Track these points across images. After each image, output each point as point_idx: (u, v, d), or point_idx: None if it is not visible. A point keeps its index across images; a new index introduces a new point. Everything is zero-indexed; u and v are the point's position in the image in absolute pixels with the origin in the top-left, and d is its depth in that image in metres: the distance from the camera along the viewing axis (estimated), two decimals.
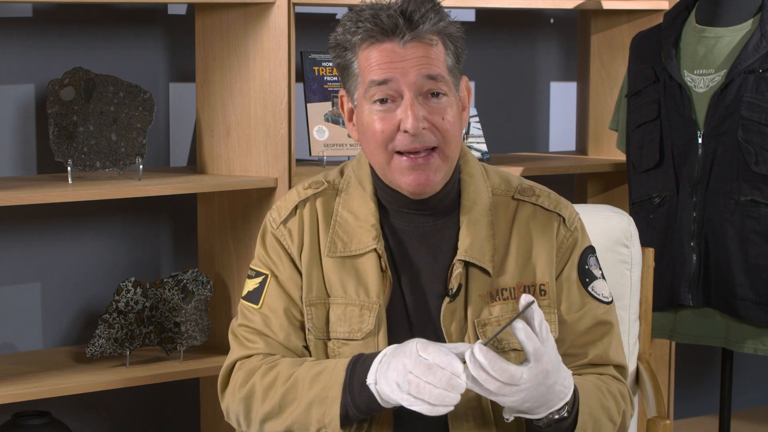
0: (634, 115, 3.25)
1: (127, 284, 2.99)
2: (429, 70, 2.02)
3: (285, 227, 2.15)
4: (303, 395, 2.00)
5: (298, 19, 3.25)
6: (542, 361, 1.88)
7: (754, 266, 3.03)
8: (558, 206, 2.17)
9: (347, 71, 2.08)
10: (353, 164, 2.20)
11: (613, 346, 2.16)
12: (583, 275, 2.15)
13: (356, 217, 2.13)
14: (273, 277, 2.14)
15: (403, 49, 2.02)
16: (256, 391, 2.06)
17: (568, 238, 2.16)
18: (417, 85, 2.02)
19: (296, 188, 2.20)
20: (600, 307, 2.16)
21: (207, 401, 3.26)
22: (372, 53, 2.03)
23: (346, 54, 2.07)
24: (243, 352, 2.13)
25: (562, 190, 2.43)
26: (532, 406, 1.91)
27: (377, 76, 2.02)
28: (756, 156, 3.00)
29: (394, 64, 2.02)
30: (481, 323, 2.08)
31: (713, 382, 4.22)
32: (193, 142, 3.38)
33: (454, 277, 2.08)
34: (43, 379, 2.88)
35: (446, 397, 1.84)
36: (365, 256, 2.10)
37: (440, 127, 2.03)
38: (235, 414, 2.11)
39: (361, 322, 2.08)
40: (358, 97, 2.07)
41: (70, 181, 2.93)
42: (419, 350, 1.87)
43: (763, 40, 3.03)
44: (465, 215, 2.11)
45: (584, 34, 3.85)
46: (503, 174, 2.21)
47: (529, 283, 2.11)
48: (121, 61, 3.24)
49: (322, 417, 1.98)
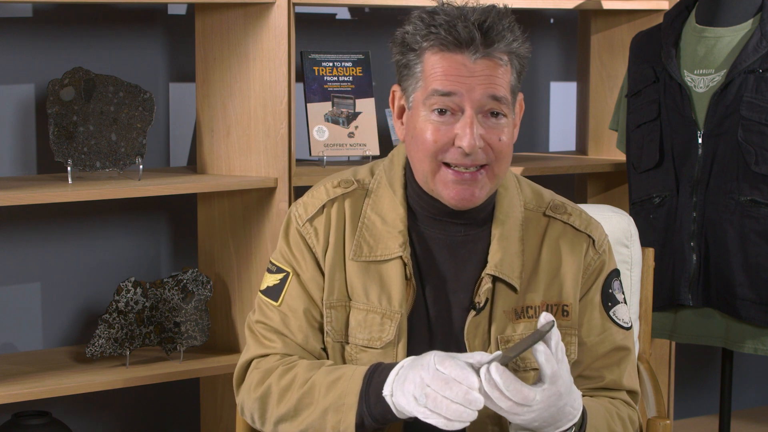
0: (634, 115, 3.25)
1: (127, 284, 2.99)
2: (495, 90, 1.98)
3: (311, 225, 2.12)
4: (319, 401, 1.99)
5: (298, 19, 3.25)
6: (557, 383, 1.87)
7: (754, 266, 3.03)
8: (589, 227, 2.15)
9: (407, 71, 2.04)
10: (385, 164, 2.16)
11: (628, 372, 2.15)
12: (606, 299, 2.14)
13: (384, 221, 2.09)
14: (295, 275, 2.11)
15: (473, 64, 1.98)
16: (272, 392, 2.04)
17: (596, 261, 2.14)
18: (480, 103, 1.98)
19: (324, 185, 2.15)
20: (619, 333, 2.14)
21: (207, 401, 3.26)
22: (440, 62, 1.99)
23: (409, 54, 2.02)
24: (260, 350, 2.11)
25: (562, 190, 2.43)
26: (541, 425, 1.90)
27: (442, 87, 1.98)
28: (756, 156, 3.00)
29: (462, 78, 1.98)
30: (504, 340, 2.06)
31: (713, 382, 4.22)
32: (193, 142, 3.38)
33: (483, 291, 2.05)
34: (43, 379, 2.88)
35: (463, 413, 1.82)
36: (390, 262, 2.07)
37: (495, 147, 2.00)
38: (249, 412, 2.09)
39: (381, 331, 2.06)
40: (414, 100, 2.03)
41: (70, 181, 2.93)
42: (436, 363, 1.85)
43: (763, 40, 3.03)
44: (497, 228, 2.09)
45: (584, 34, 3.85)
46: (535, 188, 2.19)
47: (554, 302, 2.09)
48: (121, 61, 3.23)
49: (338, 424, 1.96)
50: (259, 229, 3.08)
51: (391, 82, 2.16)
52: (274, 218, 3.04)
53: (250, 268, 3.11)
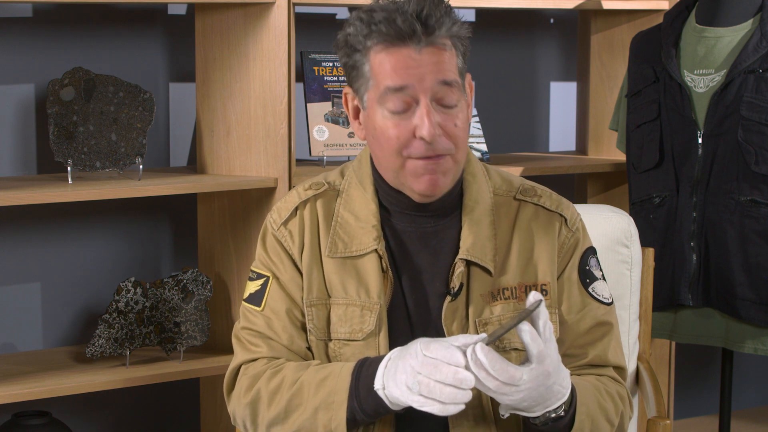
0: (634, 115, 3.25)
1: (127, 284, 2.99)
2: (444, 75, 2.01)
3: (285, 228, 2.15)
4: (309, 400, 2.00)
5: (298, 19, 3.25)
6: (544, 363, 1.88)
7: (754, 266, 3.03)
8: (560, 206, 2.17)
9: (356, 72, 2.06)
10: (354, 165, 2.19)
11: (613, 348, 2.16)
12: (583, 276, 2.15)
13: (357, 217, 2.12)
14: (274, 278, 2.14)
15: (419, 54, 2.00)
16: (262, 396, 2.06)
17: (569, 239, 2.16)
18: (433, 90, 2.00)
19: (296, 189, 2.19)
20: (600, 308, 2.16)
21: (207, 401, 3.26)
22: (387, 58, 2.01)
23: (355, 55, 2.04)
24: (247, 356, 2.12)
25: (562, 190, 2.43)
26: (530, 405, 1.92)
27: (393, 83, 2.00)
28: (756, 156, 3.00)
29: (411, 70, 2.00)
30: (482, 322, 2.08)
31: (713, 382, 4.23)
32: (193, 142, 3.38)
33: (456, 276, 2.08)
34: (43, 379, 2.88)
35: (457, 394, 1.84)
36: (366, 256, 2.10)
37: (452, 133, 2.02)
38: (241, 419, 2.11)
39: (362, 322, 2.08)
40: (368, 99, 2.05)
41: (70, 181, 2.93)
42: (423, 349, 1.87)
43: (763, 40, 3.03)
44: (467, 215, 2.11)
45: (584, 34, 3.85)
46: (504, 174, 2.21)
47: (531, 282, 2.11)
48: (121, 61, 3.24)
49: (329, 422, 1.97)
50: (259, 229, 3.07)
51: None
52: None
53: (250, 268, 3.11)
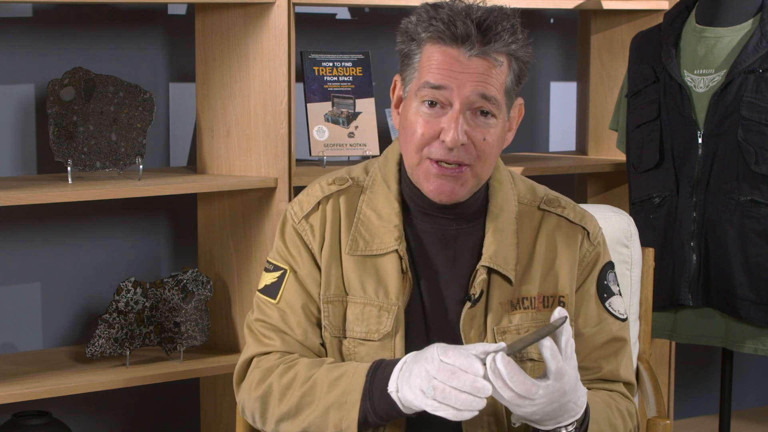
0: (634, 115, 3.25)
1: (127, 284, 2.99)
2: (485, 89, 1.99)
3: (307, 222, 2.13)
4: (321, 399, 1.99)
5: (298, 19, 3.25)
6: (562, 380, 1.88)
7: (754, 266, 3.03)
8: (583, 220, 2.17)
9: (408, 60, 2.06)
10: (380, 162, 2.18)
11: (625, 364, 2.16)
12: (601, 291, 2.15)
13: (379, 216, 2.11)
14: (292, 272, 2.12)
15: (467, 60, 1.99)
16: (273, 391, 2.05)
17: (590, 252, 2.15)
18: (469, 100, 1.99)
19: (320, 183, 2.17)
20: (615, 324, 2.16)
21: (207, 401, 3.26)
22: (435, 54, 2.00)
23: (411, 44, 2.04)
24: (260, 348, 2.11)
25: (562, 190, 2.43)
26: (542, 418, 1.91)
27: (433, 80, 2.00)
28: (756, 156, 3.00)
29: (454, 72, 1.99)
30: (500, 331, 2.07)
31: (713, 382, 4.23)
32: (193, 142, 3.38)
33: (477, 283, 2.06)
34: (43, 379, 2.88)
35: (472, 401, 1.84)
36: (386, 256, 2.09)
37: (478, 146, 2.01)
38: (250, 411, 2.09)
39: (378, 323, 2.07)
40: (410, 90, 2.05)
41: (70, 181, 2.93)
42: (440, 355, 1.86)
43: (763, 40, 3.03)
44: (492, 222, 2.10)
45: (584, 34, 3.85)
46: (529, 183, 2.21)
47: (550, 293, 2.11)
48: (121, 61, 3.23)
49: (340, 422, 1.97)
50: (259, 229, 3.08)
51: (390, 82, 2.17)
52: (274, 218, 3.04)
53: (250, 268, 3.11)
